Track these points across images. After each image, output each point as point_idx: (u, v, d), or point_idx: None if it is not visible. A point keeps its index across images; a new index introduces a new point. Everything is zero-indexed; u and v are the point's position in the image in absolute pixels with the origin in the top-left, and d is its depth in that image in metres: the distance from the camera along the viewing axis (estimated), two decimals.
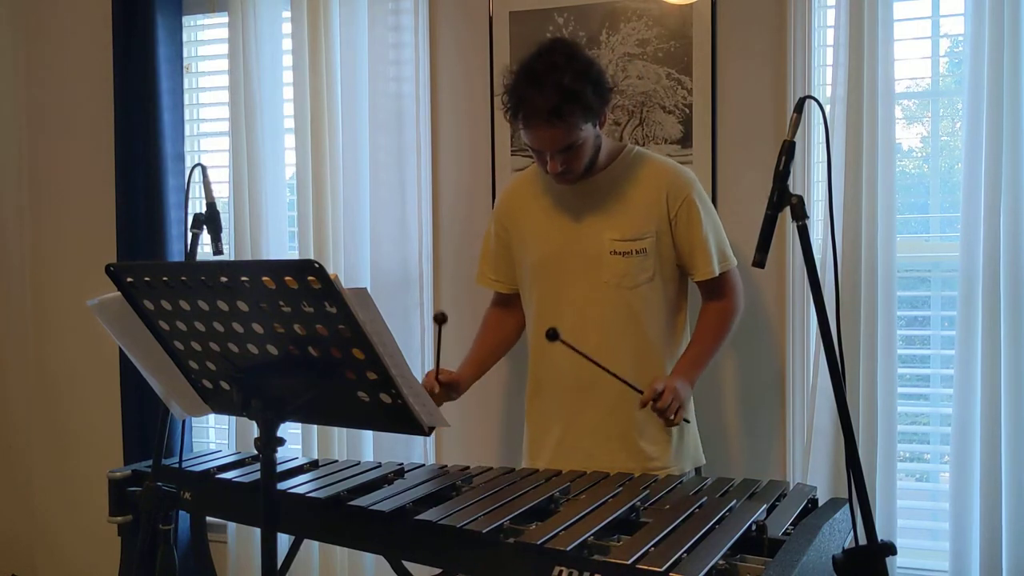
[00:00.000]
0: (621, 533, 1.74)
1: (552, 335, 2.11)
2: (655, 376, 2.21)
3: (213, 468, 2.29)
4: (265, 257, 3.01)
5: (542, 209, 2.36)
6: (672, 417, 2.13)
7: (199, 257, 2.30)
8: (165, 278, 1.56)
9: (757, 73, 2.67)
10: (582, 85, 2.12)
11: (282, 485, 2.05)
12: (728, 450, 2.75)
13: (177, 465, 2.26)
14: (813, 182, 2.63)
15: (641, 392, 2.14)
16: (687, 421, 2.22)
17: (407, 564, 2.17)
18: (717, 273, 2.30)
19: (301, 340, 1.51)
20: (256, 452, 1.59)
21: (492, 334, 2.50)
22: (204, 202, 2.21)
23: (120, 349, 3.02)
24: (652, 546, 1.58)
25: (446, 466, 2.29)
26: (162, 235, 3.17)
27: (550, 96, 2.09)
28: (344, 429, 2.97)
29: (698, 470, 2.41)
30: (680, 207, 2.26)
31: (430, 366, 2.58)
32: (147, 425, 3.22)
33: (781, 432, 2.69)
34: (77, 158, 3.45)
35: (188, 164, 3.24)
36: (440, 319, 2.15)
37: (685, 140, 2.72)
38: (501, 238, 2.45)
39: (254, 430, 1.59)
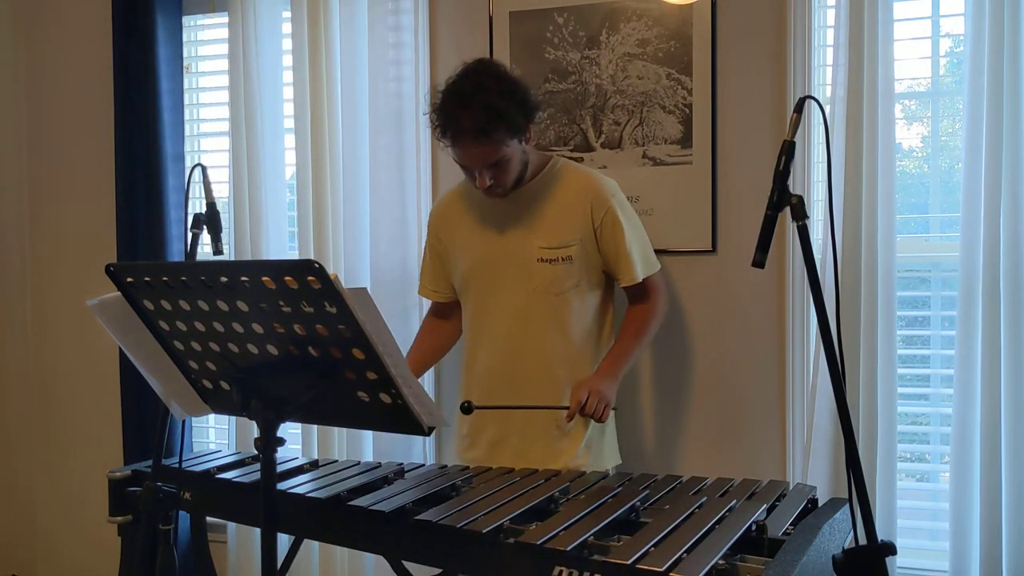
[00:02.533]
0: (621, 533, 1.74)
1: (466, 409, 2.27)
2: (576, 383, 2.30)
3: (213, 468, 2.29)
4: (265, 257, 3.01)
5: (473, 219, 2.44)
6: (601, 415, 2.25)
7: (199, 257, 2.30)
8: (165, 278, 1.56)
9: (757, 73, 2.67)
10: (508, 104, 2.20)
11: (282, 485, 2.05)
12: (728, 450, 2.75)
13: (177, 465, 2.26)
14: (813, 182, 2.62)
15: (566, 408, 2.25)
16: (615, 409, 2.33)
17: (407, 564, 2.17)
18: (640, 279, 2.39)
19: (301, 340, 1.51)
20: (256, 452, 1.59)
21: (425, 343, 2.62)
22: (204, 202, 2.21)
23: (120, 349, 3.02)
24: (652, 546, 1.58)
25: (446, 466, 2.30)
26: (162, 235, 3.16)
27: (477, 115, 2.17)
28: (344, 429, 2.97)
29: (614, 469, 2.49)
30: (604, 217, 2.35)
31: None
32: (147, 425, 3.21)
33: (781, 432, 2.69)
34: (77, 158, 3.45)
35: (188, 164, 3.23)
36: None
37: (685, 140, 2.72)
38: (436, 249, 2.54)
39: (254, 430, 1.59)
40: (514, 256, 2.37)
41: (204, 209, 2.19)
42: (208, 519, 2.62)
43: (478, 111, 2.17)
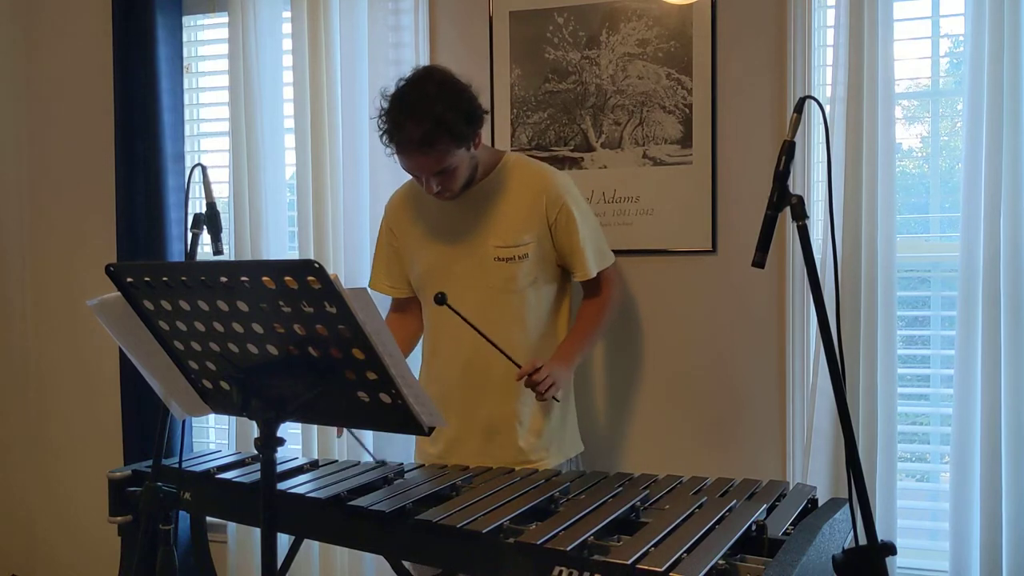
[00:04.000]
0: (621, 533, 1.74)
1: (440, 299, 2.21)
2: (536, 358, 2.31)
3: (213, 468, 2.29)
4: (265, 257, 3.01)
5: (427, 220, 2.44)
6: (544, 392, 2.23)
7: (199, 257, 2.30)
8: (165, 278, 1.56)
9: (757, 73, 2.67)
10: (452, 114, 2.18)
11: (282, 485, 2.05)
12: (728, 450, 2.75)
13: (177, 465, 2.26)
14: (813, 182, 2.63)
15: (520, 366, 2.24)
16: (556, 400, 2.35)
17: (407, 564, 2.17)
18: (593, 274, 2.41)
19: (301, 340, 1.51)
20: (256, 452, 1.59)
21: None
22: (204, 202, 2.21)
23: (120, 349, 3.02)
24: (652, 546, 1.58)
25: (446, 466, 2.30)
26: (162, 235, 3.16)
27: (421, 125, 2.16)
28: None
29: (578, 457, 2.54)
30: (558, 214, 2.36)
31: None
32: (147, 425, 3.21)
33: (781, 432, 2.69)
34: (77, 158, 3.45)
35: (188, 164, 3.23)
36: None
37: (685, 140, 2.72)
38: (392, 245, 2.53)
39: (254, 430, 1.59)
40: (471, 256, 2.37)
41: (204, 209, 2.19)
42: (208, 519, 2.62)
43: (423, 121, 2.15)
